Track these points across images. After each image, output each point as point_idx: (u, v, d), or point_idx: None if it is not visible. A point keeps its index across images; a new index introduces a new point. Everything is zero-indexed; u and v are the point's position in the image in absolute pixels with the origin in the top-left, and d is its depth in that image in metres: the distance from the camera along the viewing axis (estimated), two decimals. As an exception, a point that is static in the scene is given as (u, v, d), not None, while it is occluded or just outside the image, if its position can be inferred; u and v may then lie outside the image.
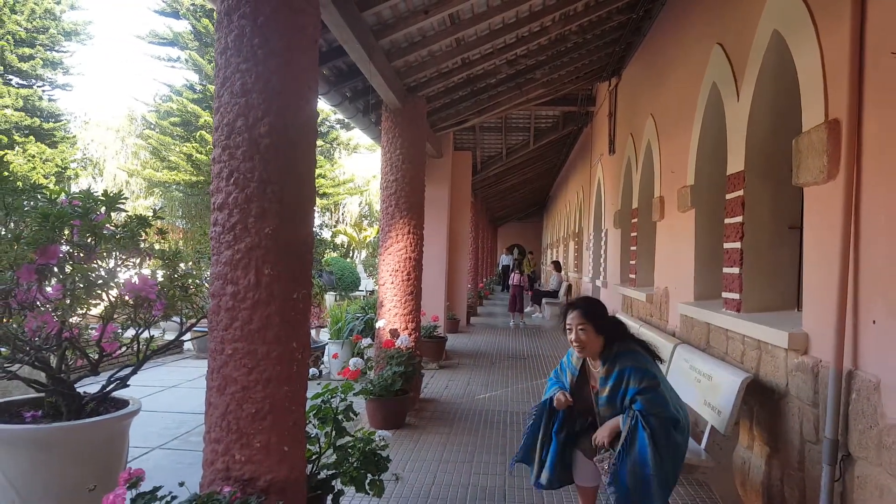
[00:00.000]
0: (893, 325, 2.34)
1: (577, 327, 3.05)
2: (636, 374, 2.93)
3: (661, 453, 2.81)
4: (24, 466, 2.61)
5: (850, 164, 2.63)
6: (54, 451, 2.63)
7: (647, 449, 2.78)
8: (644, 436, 2.80)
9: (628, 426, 2.85)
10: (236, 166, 2.43)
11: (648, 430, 2.80)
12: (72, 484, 2.62)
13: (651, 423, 2.81)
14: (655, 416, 2.84)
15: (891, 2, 2.44)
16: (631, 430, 2.84)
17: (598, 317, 3.08)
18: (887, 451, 2.31)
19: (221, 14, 2.48)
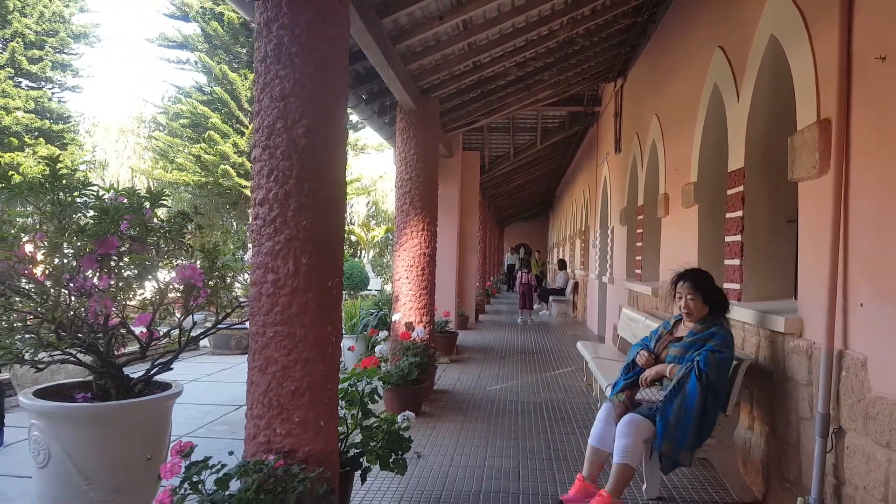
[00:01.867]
0: (878, 306, 2.55)
1: (687, 296, 3.47)
2: (719, 340, 3.33)
3: (705, 408, 3.20)
4: (81, 441, 2.84)
5: (839, 160, 2.85)
6: (109, 427, 2.86)
7: (696, 393, 3.18)
8: (696, 382, 3.19)
9: (685, 370, 3.26)
10: (276, 165, 2.67)
11: (700, 382, 3.19)
12: (124, 456, 2.85)
13: (703, 376, 3.20)
14: (708, 374, 3.21)
15: (875, 10, 2.65)
16: (685, 374, 3.25)
17: (706, 289, 3.50)
18: (873, 422, 2.52)
19: (261, 25, 2.71)
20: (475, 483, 3.86)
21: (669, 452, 3.22)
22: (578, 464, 4.21)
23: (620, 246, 8.61)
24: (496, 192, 18.53)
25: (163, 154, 22.99)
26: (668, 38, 6.27)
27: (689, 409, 3.19)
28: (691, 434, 3.19)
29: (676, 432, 3.19)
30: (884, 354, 2.50)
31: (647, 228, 6.89)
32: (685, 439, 3.19)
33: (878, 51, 2.60)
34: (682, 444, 3.20)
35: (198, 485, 2.40)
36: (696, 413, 3.18)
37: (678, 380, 3.26)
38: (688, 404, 3.19)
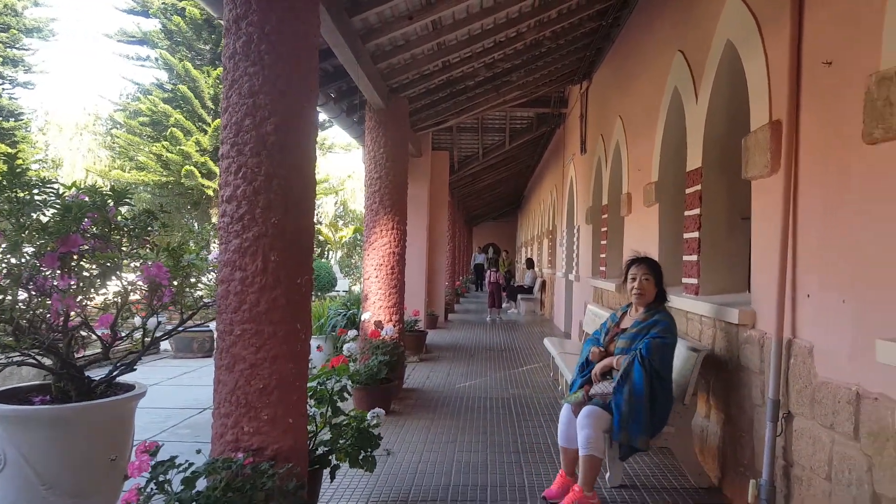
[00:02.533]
0: (824, 297, 2.70)
1: (642, 276, 3.62)
2: (662, 326, 3.47)
3: (654, 394, 3.33)
4: (40, 445, 2.77)
5: (789, 159, 2.99)
6: (69, 430, 2.80)
7: (642, 379, 3.31)
8: (640, 369, 3.33)
9: (629, 361, 3.38)
10: (244, 161, 2.68)
11: (644, 365, 3.32)
12: (85, 459, 2.80)
13: (646, 362, 3.34)
14: (651, 360, 3.36)
15: (822, 18, 2.79)
16: (630, 363, 3.37)
17: (658, 273, 3.68)
18: (819, 406, 2.67)
19: (230, 21, 2.72)
20: (444, 478, 3.92)
21: (626, 440, 3.33)
22: (545, 456, 4.32)
23: (586, 244, 8.77)
24: (465, 192, 18.64)
25: (122, 153, 22.46)
26: (631, 41, 6.42)
27: (638, 396, 3.31)
28: (644, 419, 3.30)
29: (630, 420, 3.31)
30: (828, 342, 2.64)
31: (611, 227, 7.05)
32: (639, 425, 3.30)
33: (825, 56, 2.74)
34: (637, 430, 3.31)
35: (164, 484, 2.40)
36: (645, 399, 3.30)
37: (624, 369, 3.39)
38: (636, 391, 3.31)
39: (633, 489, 3.74)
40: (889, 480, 2.18)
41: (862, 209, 2.44)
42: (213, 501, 2.33)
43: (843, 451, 2.47)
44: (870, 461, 2.30)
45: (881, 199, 2.31)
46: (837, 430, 2.51)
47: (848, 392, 2.45)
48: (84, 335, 3.19)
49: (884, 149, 2.30)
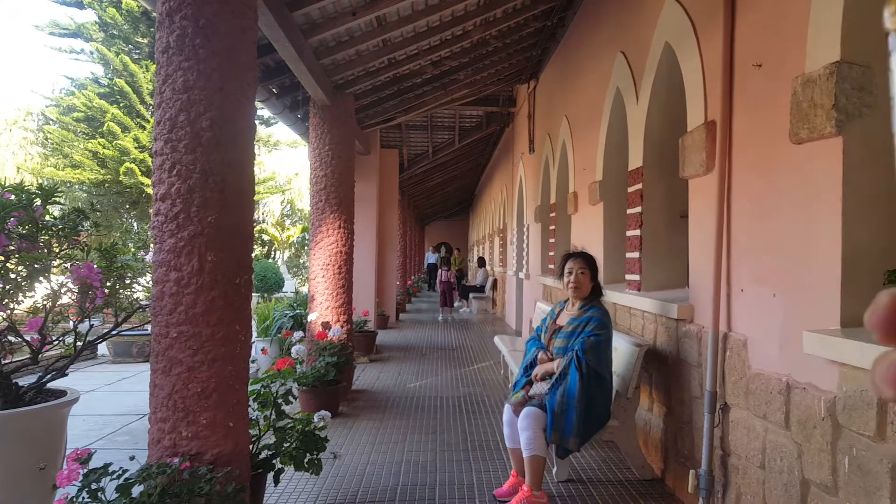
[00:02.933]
0: (756, 291, 2.79)
1: (578, 270, 3.64)
2: (596, 322, 3.50)
3: (588, 392, 3.35)
4: (-35, 454, 2.67)
5: (722, 159, 3.08)
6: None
7: (576, 382, 3.33)
8: (575, 372, 3.34)
9: (566, 362, 3.40)
10: (179, 158, 2.60)
11: (580, 369, 3.34)
12: (13, 468, 2.68)
13: (583, 364, 3.35)
14: (588, 363, 3.37)
15: (752, 21, 2.88)
16: (566, 365, 3.38)
17: (594, 267, 3.70)
18: (752, 396, 2.76)
19: (163, 15, 2.64)
20: (392, 478, 3.89)
21: (558, 441, 3.36)
22: (495, 454, 4.34)
23: (535, 242, 8.86)
24: (416, 191, 18.60)
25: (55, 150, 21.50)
26: (575, 42, 6.52)
27: (570, 399, 3.33)
28: (576, 422, 3.32)
29: (562, 421, 3.33)
30: (760, 335, 2.74)
31: (558, 225, 7.14)
32: (570, 427, 3.33)
33: (755, 58, 2.83)
34: (569, 432, 3.33)
35: (97, 492, 2.31)
36: (578, 401, 3.32)
37: (561, 371, 3.41)
38: (569, 394, 3.34)
39: (579, 483, 3.80)
40: (816, 466, 2.26)
41: (789, 206, 2.53)
42: (147, 509, 2.25)
43: (776, 440, 2.56)
44: (799, 448, 2.38)
45: (806, 197, 2.41)
46: (770, 419, 2.60)
47: (779, 382, 2.54)
48: (12, 340, 3.04)
49: (809, 148, 2.39)
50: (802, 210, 2.44)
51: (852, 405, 2.07)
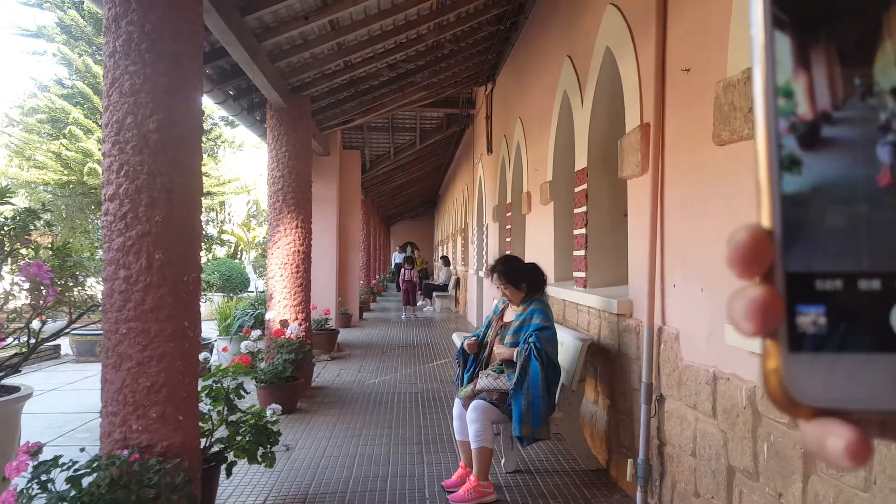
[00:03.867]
0: (687, 287, 2.95)
1: (500, 287, 3.77)
2: (540, 315, 3.61)
3: (549, 383, 3.48)
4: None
5: (656, 159, 3.24)
6: (-54, 434, 2.72)
7: (538, 372, 3.44)
8: (536, 364, 3.46)
9: (524, 355, 3.50)
10: (126, 160, 2.66)
11: (540, 360, 3.46)
12: (-35, 464, 2.73)
13: (542, 356, 3.48)
14: (546, 352, 3.50)
15: (682, 28, 3.05)
16: (525, 359, 3.49)
17: (514, 276, 3.77)
18: (684, 387, 2.91)
19: (109, 20, 2.69)
20: (346, 471, 3.99)
21: (530, 434, 3.46)
22: (447, 447, 4.46)
23: (494, 242, 9.02)
24: (380, 191, 18.63)
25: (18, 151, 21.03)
26: (527, 46, 6.69)
27: (535, 389, 3.46)
28: (543, 410, 3.47)
29: (531, 415, 3.45)
30: (691, 328, 2.89)
31: (514, 224, 7.31)
32: (539, 417, 3.45)
33: (684, 63, 2.99)
34: (538, 422, 3.45)
35: (46, 483, 2.36)
36: (541, 391, 3.46)
37: (521, 366, 3.51)
38: (533, 386, 3.46)
39: (526, 474, 3.94)
40: (740, 453, 2.41)
41: (714, 205, 2.69)
42: (97, 499, 2.31)
43: (705, 429, 2.70)
44: (725, 436, 2.52)
45: (728, 195, 2.56)
46: (699, 409, 2.75)
47: (706, 374, 2.69)
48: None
49: (730, 149, 2.55)
50: (725, 208, 2.59)
51: (769, 392, 2.23)
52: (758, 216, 0.31)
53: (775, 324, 0.30)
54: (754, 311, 0.30)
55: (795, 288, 0.30)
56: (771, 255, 0.30)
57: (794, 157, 0.29)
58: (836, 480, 1.84)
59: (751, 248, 0.30)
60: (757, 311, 0.30)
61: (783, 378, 0.29)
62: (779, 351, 0.30)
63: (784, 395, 0.29)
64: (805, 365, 0.29)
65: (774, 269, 0.30)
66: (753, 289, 0.30)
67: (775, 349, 0.30)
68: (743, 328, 0.30)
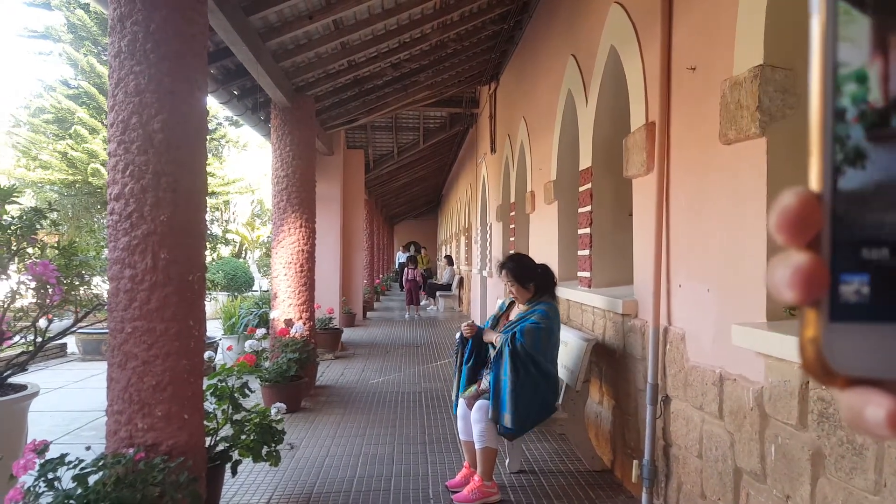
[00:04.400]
0: (693, 287, 2.94)
1: (508, 284, 3.73)
2: (540, 314, 3.57)
3: (521, 377, 3.42)
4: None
5: (662, 158, 3.23)
6: (-45, 432, 2.73)
7: (507, 366, 3.41)
8: (507, 354, 3.43)
9: (502, 341, 3.50)
10: (131, 159, 2.66)
11: (512, 350, 3.42)
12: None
13: (517, 348, 3.43)
14: (523, 345, 3.44)
15: (687, 26, 3.04)
16: (501, 348, 3.47)
17: (523, 277, 3.72)
18: (690, 388, 2.90)
19: (114, 20, 2.69)
20: (350, 470, 3.99)
21: (496, 418, 3.43)
22: (451, 446, 4.46)
23: (497, 241, 9.01)
24: (384, 191, 18.64)
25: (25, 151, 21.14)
26: (531, 45, 6.68)
27: (504, 375, 3.42)
28: (510, 397, 3.39)
29: (498, 398, 3.43)
30: (696, 329, 2.88)
31: (518, 224, 7.30)
32: (504, 403, 3.41)
33: (690, 62, 2.98)
34: (503, 408, 3.41)
35: (53, 481, 2.37)
36: (509, 380, 3.40)
37: (496, 352, 3.51)
38: (504, 371, 3.42)
39: (531, 474, 3.93)
40: (747, 454, 2.39)
41: (720, 205, 2.68)
42: (103, 497, 2.32)
43: (711, 430, 2.69)
44: (732, 438, 2.51)
45: (735, 196, 2.55)
46: (706, 410, 2.74)
47: (713, 374, 2.68)
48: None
49: (736, 149, 2.54)
50: (732, 208, 2.58)
51: (777, 395, 2.18)
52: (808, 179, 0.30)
53: (819, 292, 0.29)
54: (798, 279, 0.29)
55: (840, 256, 0.29)
56: (819, 220, 0.29)
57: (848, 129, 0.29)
58: (844, 483, 1.83)
59: (799, 213, 0.29)
60: (801, 279, 0.29)
61: (821, 347, 0.29)
62: (818, 320, 0.29)
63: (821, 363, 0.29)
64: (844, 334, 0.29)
65: (822, 235, 0.30)
66: (798, 255, 0.30)
67: (815, 318, 0.29)
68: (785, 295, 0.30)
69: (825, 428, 1.93)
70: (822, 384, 0.30)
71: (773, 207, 0.30)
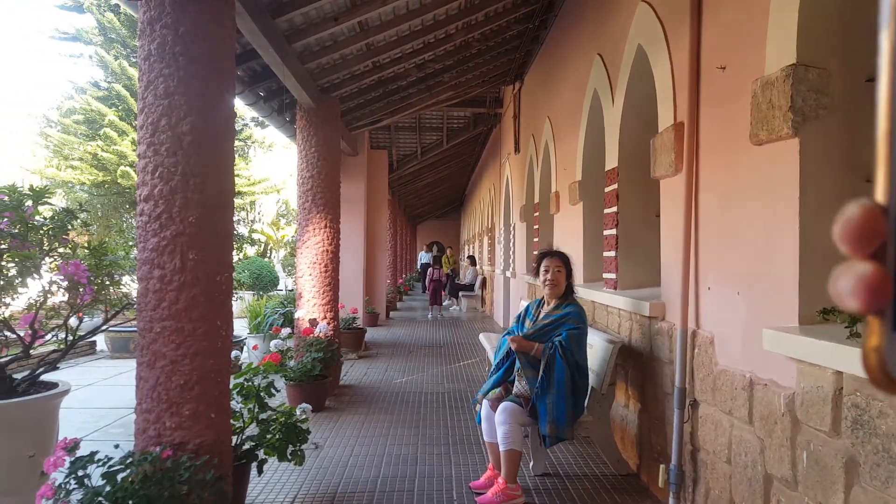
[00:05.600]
0: (722, 290, 2.89)
1: (554, 268, 3.73)
2: (575, 318, 3.61)
3: (575, 383, 3.45)
4: (-40, 444, 2.76)
5: (690, 159, 3.18)
6: (-10, 429, 2.79)
7: (563, 372, 3.44)
8: (561, 362, 3.45)
9: (549, 352, 3.48)
10: (161, 161, 2.70)
11: (565, 359, 3.44)
12: (6, 457, 2.79)
13: (567, 355, 3.46)
14: (572, 352, 3.48)
15: (718, 25, 2.99)
16: (551, 357, 3.48)
17: (569, 265, 3.79)
18: (719, 392, 2.85)
19: (144, 24, 2.73)
20: (374, 470, 4.00)
21: (554, 432, 3.44)
22: (475, 447, 4.45)
23: (521, 242, 8.98)
24: (407, 191, 18.69)
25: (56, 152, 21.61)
26: (557, 44, 6.63)
27: (560, 388, 3.45)
28: (568, 410, 3.45)
29: (556, 412, 3.44)
30: (726, 332, 2.83)
31: (542, 224, 7.27)
32: (563, 416, 3.44)
33: (720, 61, 2.93)
34: (563, 421, 3.44)
35: (83, 478, 2.41)
36: (567, 390, 3.44)
37: (545, 364, 3.50)
38: (558, 384, 3.45)
39: (555, 477, 3.90)
40: (777, 461, 2.34)
41: (751, 207, 2.63)
42: (131, 494, 2.35)
43: (740, 435, 2.64)
44: (762, 444, 2.46)
45: (766, 198, 2.50)
46: (735, 415, 2.68)
47: (743, 379, 2.62)
48: (7, 335, 3.13)
49: (768, 149, 2.49)
50: (763, 210, 2.53)
51: (809, 401, 2.13)
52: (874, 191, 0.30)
53: (882, 302, 0.29)
54: (862, 289, 0.30)
55: None
56: (883, 231, 0.30)
57: None
58: (880, 492, 1.78)
59: (864, 224, 0.30)
60: (865, 289, 0.30)
61: (885, 356, 0.29)
62: (882, 329, 0.29)
63: (884, 372, 0.30)
64: None
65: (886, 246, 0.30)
66: (862, 265, 0.30)
67: (879, 327, 0.30)
68: (848, 304, 0.30)
69: (860, 435, 1.88)
70: (885, 392, 0.30)
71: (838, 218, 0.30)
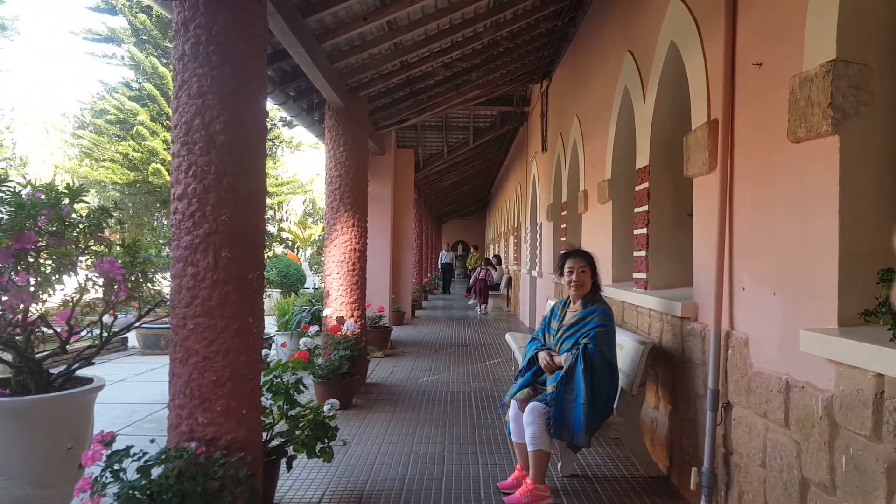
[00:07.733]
0: (757, 291, 2.83)
1: (579, 269, 3.71)
2: (601, 316, 3.57)
3: (595, 388, 3.38)
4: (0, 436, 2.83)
5: (725, 157, 3.13)
6: (28, 422, 2.85)
7: (581, 379, 3.37)
8: (580, 367, 3.38)
9: (572, 359, 3.44)
10: (194, 160, 2.73)
11: (587, 362, 3.38)
12: (44, 450, 2.86)
13: (594, 357, 3.40)
14: (600, 352, 3.42)
15: (753, 21, 2.93)
16: (572, 364, 3.43)
17: (594, 265, 3.77)
18: (754, 395, 2.80)
19: (178, 24, 2.77)
20: (401, 468, 4.00)
21: (568, 439, 3.40)
22: (502, 447, 4.43)
23: (547, 241, 8.92)
24: (432, 190, 18.71)
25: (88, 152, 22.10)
26: (586, 42, 6.57)
27: (577, 396, 3.37)
28: (585, 419, 3.35)
29: (570, 420, 3.37)
30: (761, 333, 2.77)
31: (569, 223, 7.21)
32: (579, 425, 3.36)
33: (756, 58, 2.87)
34: (578, 429, 3.36)
35: (119, 472, 2.45)
36: (585, 398, 3.35)
37: (567, 370, 3.44)
38: (576, 392, 3.38)
39: (583, 479, 3.87)
40: (815, 465, 2.28)
41: (787, 205, 2.57)
42: (165, 489, 2.38)
43: (776, 438, 2.58)
44: (798, 447, 2.40)
45: (804, 196, 2.43)
46: (770, 417, 2.63)
47: (779, 381, 2.57)
48: (45, 331, 3.21)
49: (806, 147, 2.43)
50: (801, 209, 2.47)
51: (849, 405, 2.08)
52: None
53: None
54: None
55: None
56: None
57: None
58: (927, 500, 1.72)
59: None
60: None
61: None
62: None
63: None
64: None
65: None
66: None
67: None
68: None
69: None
70: None
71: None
